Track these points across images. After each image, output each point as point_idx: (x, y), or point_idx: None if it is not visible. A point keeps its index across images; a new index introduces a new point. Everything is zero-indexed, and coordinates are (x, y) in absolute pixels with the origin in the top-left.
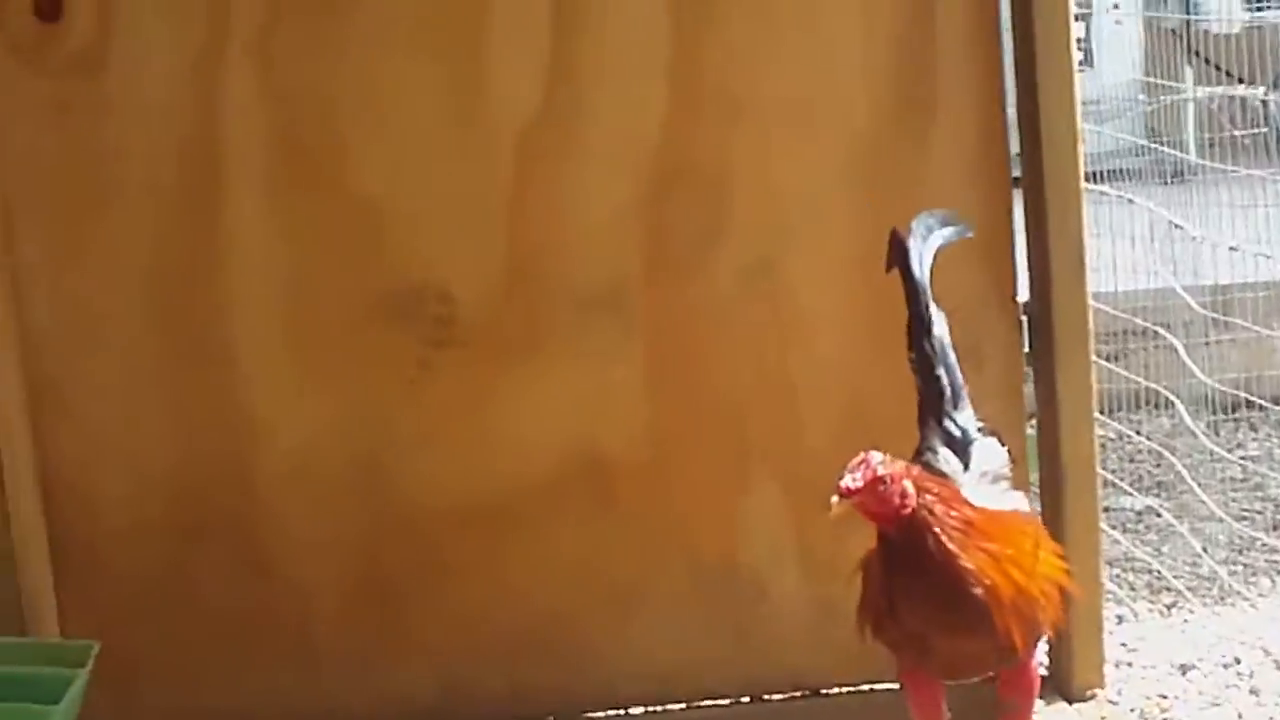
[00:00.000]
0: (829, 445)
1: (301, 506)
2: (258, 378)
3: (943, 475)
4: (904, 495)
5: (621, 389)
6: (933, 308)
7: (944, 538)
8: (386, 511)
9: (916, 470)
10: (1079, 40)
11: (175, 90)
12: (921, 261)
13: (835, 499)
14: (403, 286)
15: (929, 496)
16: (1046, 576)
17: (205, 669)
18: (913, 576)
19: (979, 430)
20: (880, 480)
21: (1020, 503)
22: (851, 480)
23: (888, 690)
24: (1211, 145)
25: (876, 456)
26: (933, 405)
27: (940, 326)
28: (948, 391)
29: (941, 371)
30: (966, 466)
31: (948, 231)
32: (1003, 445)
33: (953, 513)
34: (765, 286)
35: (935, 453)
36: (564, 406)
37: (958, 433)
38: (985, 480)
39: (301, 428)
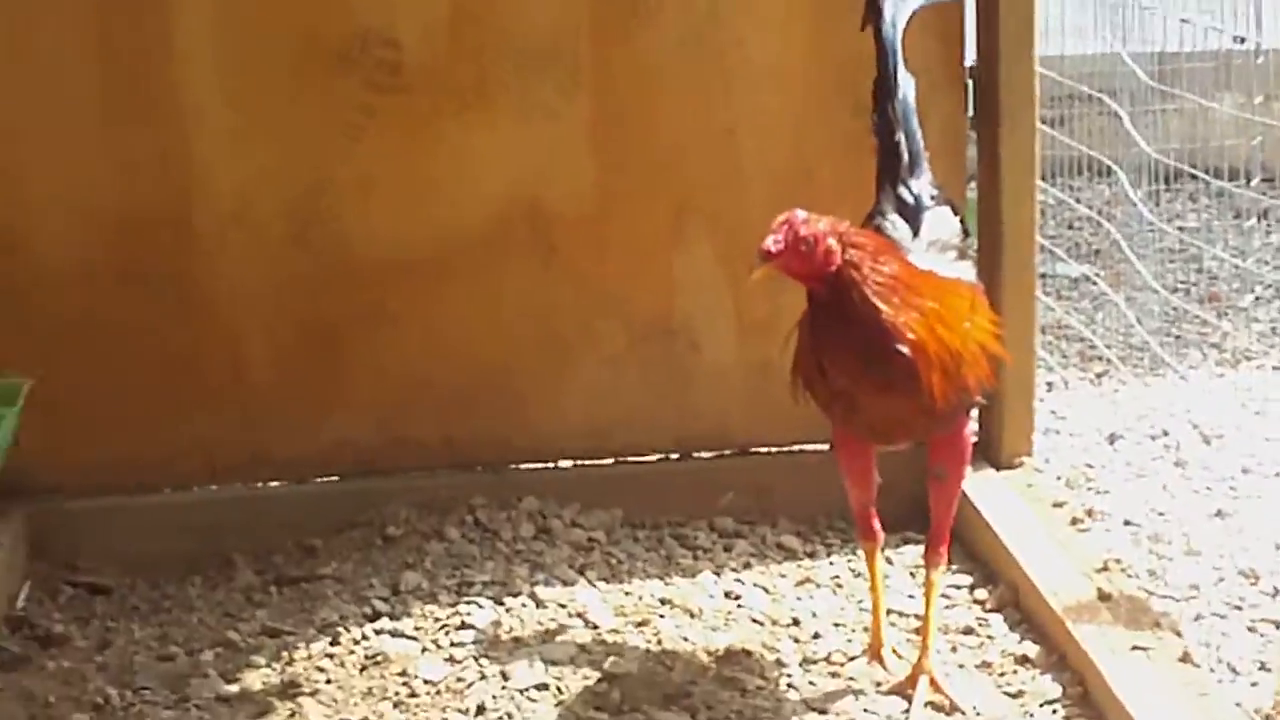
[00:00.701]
0: (769, 204)
1: (240, 252)
2: (200, 120)
3: (891, 241)
4: (828, 253)
5: (564, 141)
6: (901, 71)
7: (869, 293)
8: (326, 259)
9: (845, 226)
10: None
11: None
12: (895, 22)
13: (758, 261)
14: (348, 30)
15: (855, 252)
16: (978, 340)
17: (139, 415)
18: (839, 333)
19: (933, 198)
20: (802, 240)
21: (967, 272)
22: (773, 242)
23: (818, 451)
24: None
25: (800, 215)
26: (889, 170)
27: (906, 90)
28: (905, 157)
29: (901, 137)
30: (916, 233)
31: None
32: (956, 214)
33: (882, 268)
34: (712, 40)
35: (885, 217)
36: (507, 158)
37: (910, 199)
38: (934, 248)
39: (241, 172)
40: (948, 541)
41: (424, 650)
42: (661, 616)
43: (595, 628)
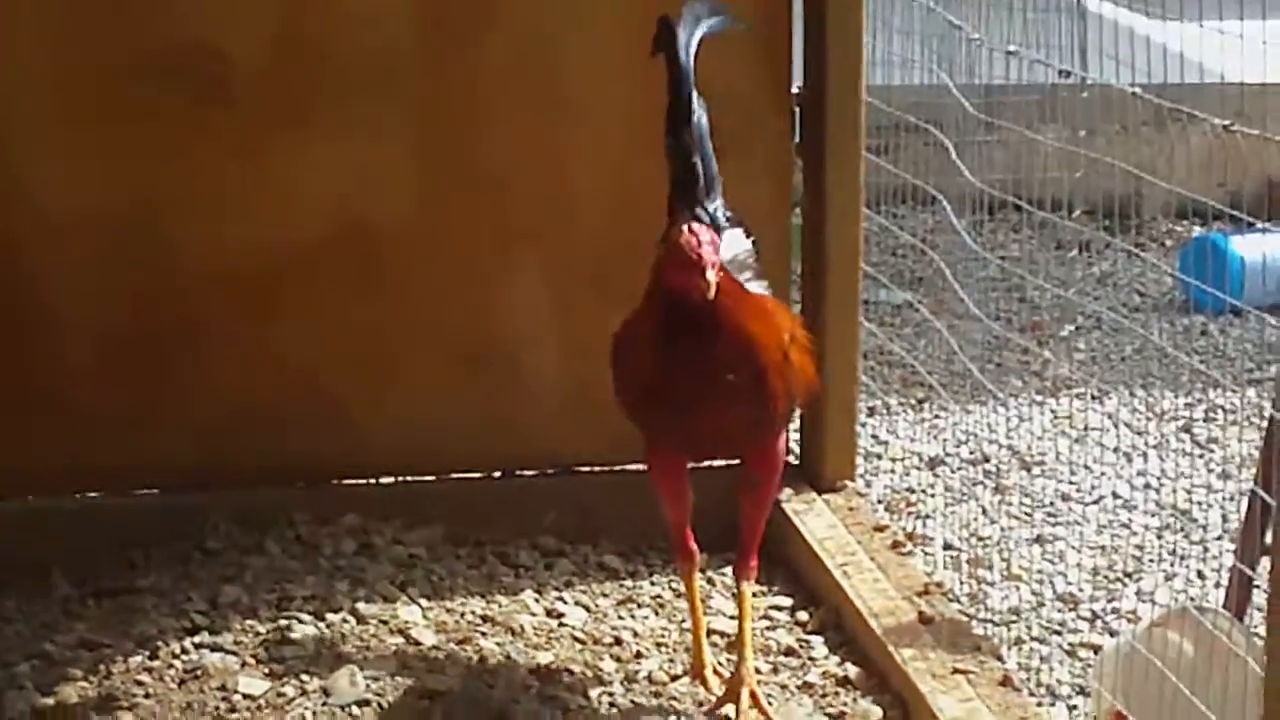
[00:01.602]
0: (595, 228)
1: (63, 265)
2: (23, 132)
3: None
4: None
5: (390, 161)
6: (695, 95)
7: (729, 304)
8: (149, 273)
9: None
10: None
11: None
12: (688, 48)
13: (710, 274)
14: (175, 42)
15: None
16: (801, 348)
17: None
18: (695, 343)
19: (727, 220)
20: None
21: (764, 292)
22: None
23: (640, 471)
24: None
25: (705, 234)
26: (685, 193)
27: (700, 115)
28: (701, 180)
29: (697, 159)
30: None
31: (714, 21)
32: (749, 236)
33: (734, 283)
34: (539, 66)
35: None
36: (333, 175)
37: (707, 220)
38: (732, 268)
39: (64, 184)
40: (757, 553)
41: (244, 665)
42: (483, 634)
43: (417, 644)
